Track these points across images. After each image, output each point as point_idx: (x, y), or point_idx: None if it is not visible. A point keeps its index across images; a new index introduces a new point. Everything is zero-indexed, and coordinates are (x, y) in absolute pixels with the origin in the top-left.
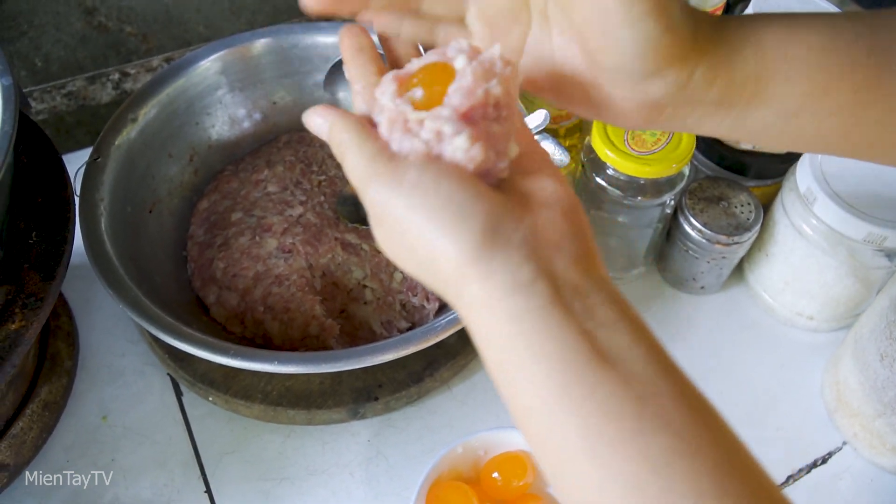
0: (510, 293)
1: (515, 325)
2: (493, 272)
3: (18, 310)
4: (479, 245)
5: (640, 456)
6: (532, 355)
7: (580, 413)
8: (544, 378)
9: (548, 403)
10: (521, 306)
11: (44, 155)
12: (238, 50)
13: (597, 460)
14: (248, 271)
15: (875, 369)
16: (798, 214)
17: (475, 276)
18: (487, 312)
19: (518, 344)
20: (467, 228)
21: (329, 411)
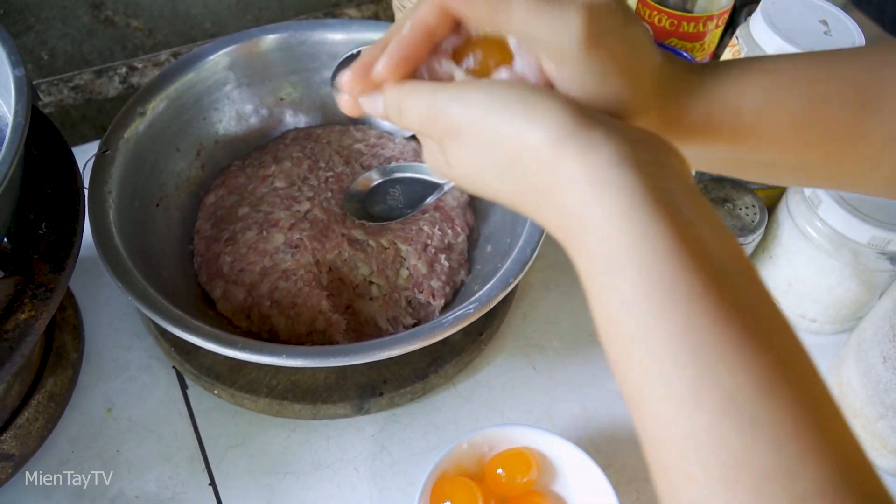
0: (615, 164)
1: (622, 197)
2: (595, 145)
3: (28, 300)
4: (575, 121)
5: (744, 371)
6: (636, 237)
7: (685, 312)
8: (649, 265)
9: (648, 295)
10: (625, 180)
11: (53, 147)
12: (246, 46)
13: (696, 365)
14: (255, 266)
15: (878, 372)
16: (803, 217)
17: (574, 149)
18: (589, 186)
19: (624, 225)
20: (560, 108)
21: (334, 406)
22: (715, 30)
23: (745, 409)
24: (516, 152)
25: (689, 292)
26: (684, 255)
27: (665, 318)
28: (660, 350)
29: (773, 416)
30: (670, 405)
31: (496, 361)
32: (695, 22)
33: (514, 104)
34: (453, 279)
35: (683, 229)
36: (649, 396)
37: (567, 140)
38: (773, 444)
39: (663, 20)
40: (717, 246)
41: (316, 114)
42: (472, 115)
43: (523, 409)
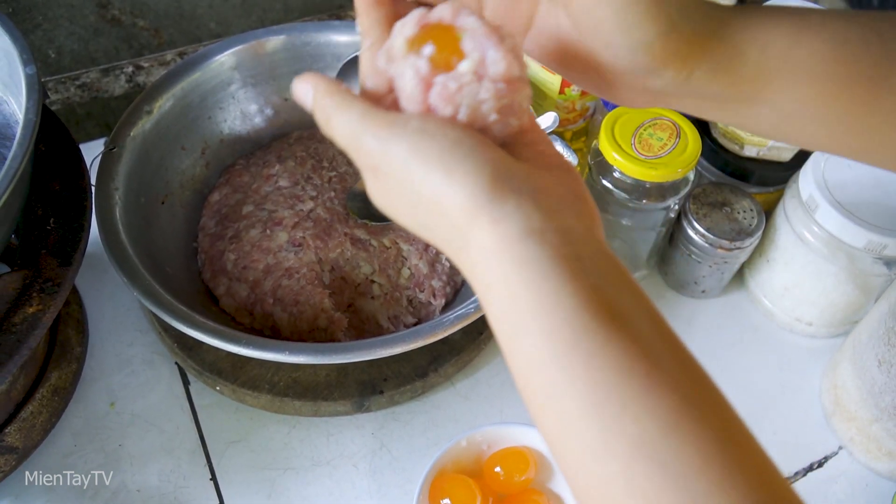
0: (521, 239)
1: (525, 272)
2: (505, 216)
3: (36, 294)
4: (491, 188)
5: (648, 416)
6: (540, 306)
7: (588, 368)
8: (552, 330)
9: (554, 357)
10: (531, 253)
11: (61, 144)
12: (252, 46)
13: (604, 418)
14: (259, 264)
15: (873, 375)
16: (800, 221)
17: (486, 220)
18: (496, 259)
19: (526, 294)
20: (479, 172)
21: (335, 403)
22: None
23: (652, 453)
24: (432, 208)
25: (591, 349)
26: (585, 316)
27: (570, 377)
28: (569, 406)
29: (680, 456)
30: (584, 456)
31: (495, 360)
32: None
33: (435, 161)
34: (454, 279)
35: (587, 292)
36: (565, 448)
37: (479, 210)
38: (681, 482)
39: None
40: (622, 301)
41: None
42: (392, 162)
43: (522, 407)
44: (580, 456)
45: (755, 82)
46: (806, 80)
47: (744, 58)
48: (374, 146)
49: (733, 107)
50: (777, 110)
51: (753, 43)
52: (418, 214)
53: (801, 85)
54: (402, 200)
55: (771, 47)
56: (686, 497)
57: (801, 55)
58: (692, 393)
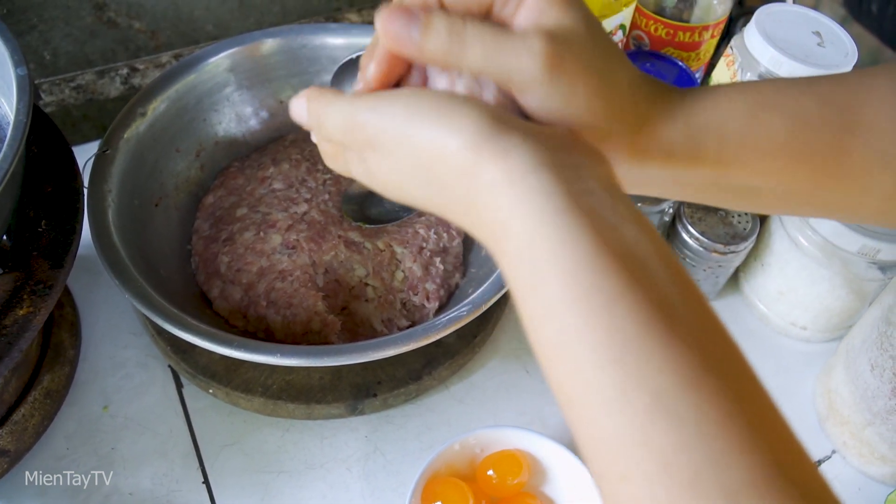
0: (533, 170)
1: (541, 204)
2: (513, 148)
3: (27, 296)
4: (493, 125)
5: (669, 368)
6: (559, 243)
7: (608, 315)
8: (570, 271)
9: (573, 300)
10: (545, 186)
11: (54, 145)
12: (247, 48)
13: (622, 366)
14: (252, 266)
15: (866, 379)
16: (794, 225)
17: (492, 154)
18: (508, 193)
19: (543, 230)
20: (477, 113)
21: (328, 406)
22: (711, 39)
23: (672, 408)
24: (434, 161)
25: (612, 295)
26: (605, 258)
27: (589, 324)
28: (586, 355)
29: (699, 413)
30: (600, 409)
31: (489, 364)
32: (691, 32)
33: (430, 112)
34: (448, 282)
35: (604, 232)
36: (579, 400)
37: (483, 145)
38: (700, 440)
39: (660, 30)
40: (640, 245)
41: None
42: (388, 126)
43: (516, 411)
44: (594, 409)
45: (716, 164)
46: (765, 158)
47: (701, 143)
48: (368, 117)
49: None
50: (742, 187)
51: (710, 129)
52: (420, 178)
53: (760, 163)
54: (405, 169)
55: (728, 130)
56: (704, 456)
57: (757, 135)
58: (715, 351)
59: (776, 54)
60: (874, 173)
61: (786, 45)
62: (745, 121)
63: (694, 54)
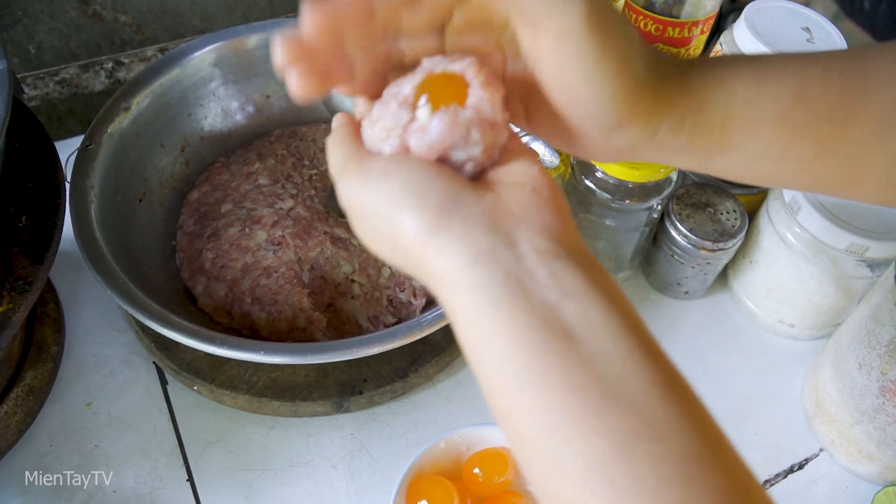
0: (470, 264)
1: (477, 295)
2: (452, 242)
3: (6, 293)
4: (437, 217)
5: (602, 435)
6: (494, 329)
7: (540, 389)
8: (507, 352)
9: (511, 379)
10: (480, 277)
11: (36, 140)
12: (233, 43)
13: (557, 437)
14: (237, 263)
15: (853, 377)
16: (783, 223)
17: (435, 248)
18: (451, 285)
19: (481, 317)
20: (424, 203)
21: (314, 404)
22: (700, 35)
23: (606, 473)
24: (395, 238)
25: (543, 371)
26: (538, 336)
27: (526, 400)
28: (527, 428)
29: (634, 478)
30: (543, 474)
31: None
32: (680, 27)
33: (387, 204)
34: None
35: (538, 311)
36: (530, 468)
37: (427, 242)
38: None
39: (649, 25)
40: (584, 314)
41: (301, 112)
42: (358, 207)
43: None
44: (541, 477)
45: (721, 132)
46: (770, 125)
47: (709, 110)
48: (345, 191)
49: (700, 156)
50: (744, 156)
51: (717, 95)
52: (390, 251)
53: (766, 130)
54: (374, 235)
55: (734, 97)
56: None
57: (764, 102)
58: (656, 412)
59: (765, 50)
60: (875, 144)
61: (775, 41)
62: (750, 88)
63: (684, 50)
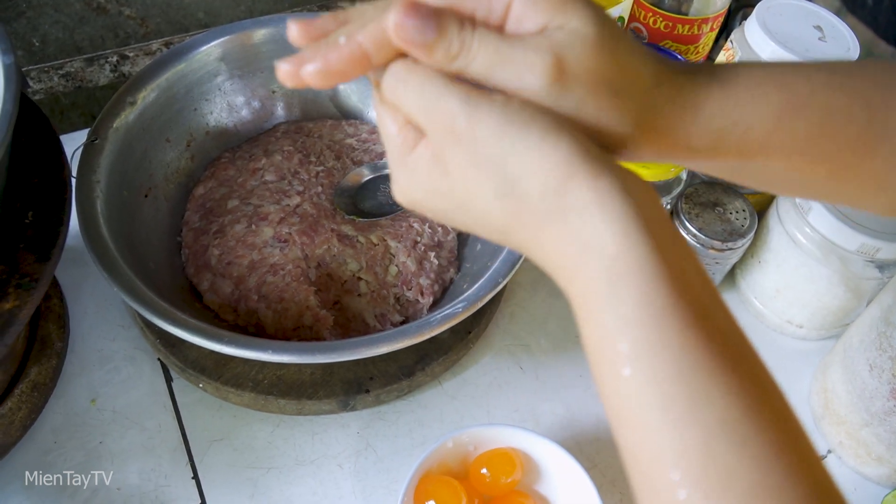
0: (620, 194)
1: (629, 225)
2: (602, 173)
3: (12, 289)
4: (587, 148)
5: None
6: (642, 263)
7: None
8: (652, 289)
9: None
10: (631, 209)
11: (41, 135)
12: (239, 37)
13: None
14: (243, 259)
15: (863, 379)
16: (792, 223)
17: (586, 175)
18: (598, 213)
19: (630, 250)
20: (574, 134)
21: (319, 402)
22: (710, 33)
23: (737, 428)
24: (523, 174)
25: (684, 321)
26: (676, 287)
27: (662, 342)
28: (658, 369)
29: (761, 437)
30: (665, 422)
31: (483, 360)
32: (689, 25)
33: (530, 125)
34: (442, 277)
35: (673, 263)
36: (640, 413)
37: (579, 167)
38: (760, 461)
39: (658, 22)
40: (698, 282)
41: (307, 107)
42: (481, 127)
43: (509, 408)
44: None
45: (738, 157)
46: (788, 155)
47: (724, 142)
48: (459, 109)
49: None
50: (759, 176)
51: (735, 129)
52: (500, 188)
53: (783, 160)
54: (486, 175)
55: (753, 131)
56: (762, 476)
57: (783, 136)
58: (766, 385)
59: (777, 48)
60: (893, 174)
61: (787, 40)
62: (770, 123)
63: (693, 47)
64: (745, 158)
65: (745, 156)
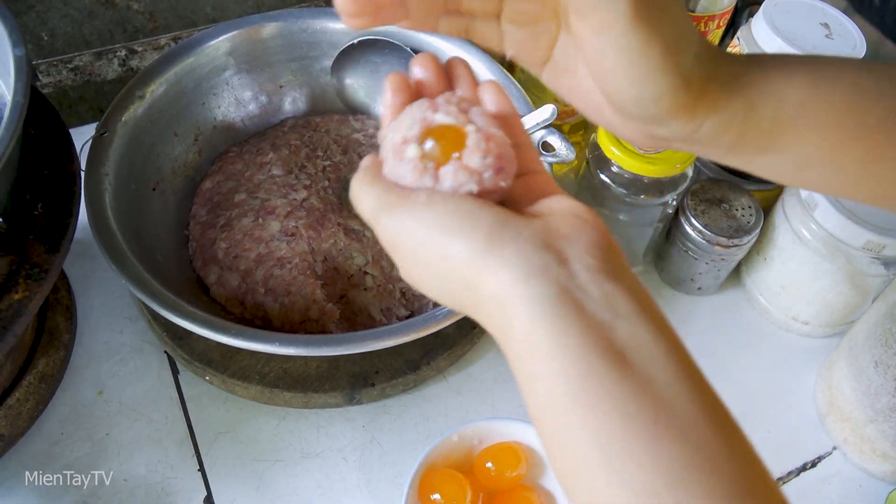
0: (525, 278)
1: (534, 309)
2: (506, 260)
3: (22, 280)
4: (489, 238)
5: (653, 465)
6: (548, 347)
7: (595, 412)
8: (560, 372)
9: (563, 399)
10: (536, 292)
11: (51, 127)
12: (247, 32)
13: (608, 464)
14: (250, 253)
15: (869, 376)
16: (798, 219)
17: (489, 268)
18: (504, 304)
19: (535, 334)
20: (476, 227)
21: (325, 395)
22: (716, 30)
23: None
24: (446, 273)
25: (598, 393)
26: (594, 355)
27: (577, 422)
28: (577, 450)
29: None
30: (589, 499)
31: (488, 355)
32: (696, 21)
33: (437, 229)
34: None
35: (595, 329)
36: (573, 486)
37: (483, 262)
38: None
39: None
40: (635, 337)
41: (315, 102)
42: (404, 237)
43: (514, 402)
44: (588, 498)
45: (769, 137)
46: (821, 130)
47: (758, 111)
48: (388, 223)
49: (744, 157)
50: (790, 159)
51: (769, 97)
52: (438, 281)
53: (816, 135)
54: (423, 271)
55: (787, 100)
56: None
57: (816, 107)
58: (706, 440)
59: (784, 45)
60: None
61: (794, 37)
62: (805, 92)
63: None
64: (776, 133)
65: (777, 129)
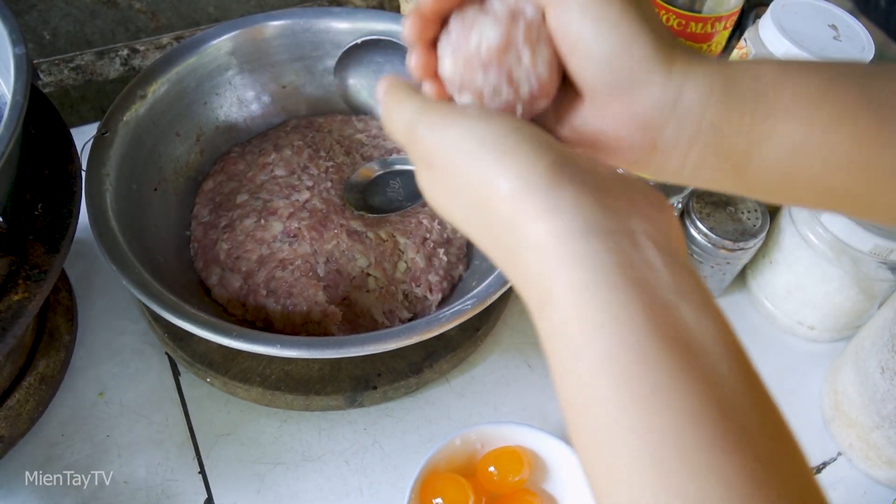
0: (582, 234)
1: (587, 274)
2: (562, 208)
3: (22, 281)
4: (549, 173)
5: (713, 475)
6: (600, 319)
7: (648, 406)
8: (614, 353)
9: (609, 386)
10: (595, 254)
11: (51, 127)
12: (250, 31)
13: (659, 469)
14: (252, 254)
15: (875, 381)
16: (805, 223)
17: (538, 210)
18: (552, 258)
19: (586, 302)
20: (537, 155)
21: (327, 398)
22: (723, 31)
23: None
24: (483, 199)
25: (655, 384)
26: (652, 342)
27: (627, 414)
28: (621, 450)
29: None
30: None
31: (491, 358)
32: (703, 23)
33: (488, 146)
34: (451, 274)
35: (655, 312)
36: (610, 492)
37: (533, 198)
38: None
39: (671, 20)
40: (698, 329)
41: (318, 102)
42: (443, 149)
43: (517, 406)
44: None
45: (751, 112)
46: (804, 109)
47: (737, 83)
48: (426, 134)
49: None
50: (783, 145)
51: (745, 73)
52: (469, 212)
53: (799, 115)
54: (454, 194)
55: (764, 78)
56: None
57: (794, 86)
58: (770, 453)
59: (791, 47)
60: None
61: (801, 39)
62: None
63: (706, 46)
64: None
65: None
